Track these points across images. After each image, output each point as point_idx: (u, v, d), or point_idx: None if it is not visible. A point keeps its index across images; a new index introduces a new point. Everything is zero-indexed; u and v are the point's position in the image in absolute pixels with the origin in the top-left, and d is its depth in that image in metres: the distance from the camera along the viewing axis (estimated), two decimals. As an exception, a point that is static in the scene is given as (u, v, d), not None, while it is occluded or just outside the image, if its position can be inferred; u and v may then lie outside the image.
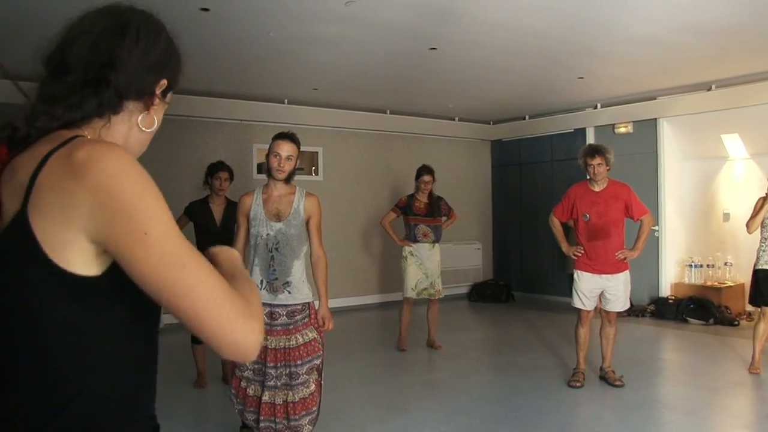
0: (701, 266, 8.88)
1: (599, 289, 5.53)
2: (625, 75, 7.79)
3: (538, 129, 10.72)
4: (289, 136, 3.83)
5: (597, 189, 5.54)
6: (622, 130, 9.42)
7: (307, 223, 3.87)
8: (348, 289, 9.86)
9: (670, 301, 8.66)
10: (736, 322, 7.97)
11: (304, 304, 3.84)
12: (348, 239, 9.93)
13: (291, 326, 3.77)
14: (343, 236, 9.88)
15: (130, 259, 0.99)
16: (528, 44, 6.31)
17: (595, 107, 9.76)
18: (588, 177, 5.62)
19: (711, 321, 8.07)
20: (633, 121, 9.31)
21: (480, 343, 7.94)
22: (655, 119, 9.03)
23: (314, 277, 3.94)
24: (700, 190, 9.28)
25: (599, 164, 5.44)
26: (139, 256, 0.99)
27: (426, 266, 6.91)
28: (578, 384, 5.48)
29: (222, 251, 1.28)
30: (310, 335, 3.82)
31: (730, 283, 8.56)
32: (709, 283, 8.66)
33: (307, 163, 9.86)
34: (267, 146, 3.86)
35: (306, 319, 3.83)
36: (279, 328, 3.75)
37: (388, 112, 10.24)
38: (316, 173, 9.76)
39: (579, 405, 5.11)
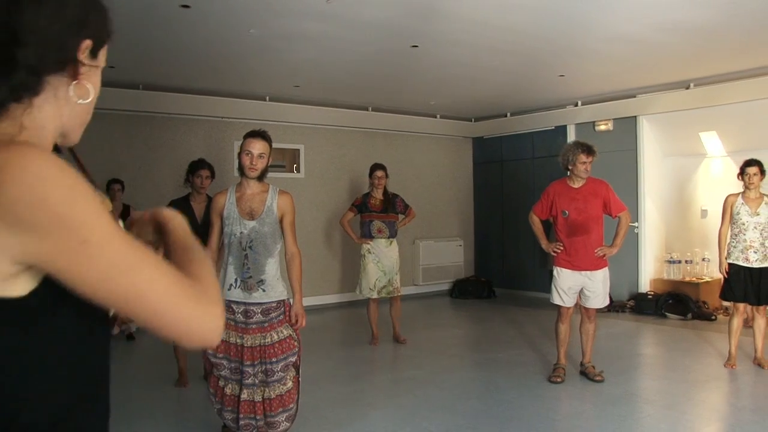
0: (680, 262, 8.98)
1: (579, 286, 5.58)
2: (605, 73, 7.85)
3: (520, 126, 10.78)
4: (260, 134, 3.82)
5: (576, 186, 5.58)
6: (603, 127, 9.50)
7: (281, 221, 3.87)
8: (331, 286, 9.87)
9: (649, 296, 8.76)
10: (713, 317, 8.08)
11: (279, 302, 3.84)
12: (330, 237, 9.93)
13: (266, 324, 3.78)
14: (325, 234, 9.88)
15: (72, 272, 0.88)
16: (509, 42, 6.35)
17: (576, 105, 9.83)
18: (567, 174, 5.65)
19: (689, 316, 8.17)
20: (613, 119, 9.39)
21: (461, 339, 7.98)
22: (635, 117, 9.11)
23: (288, 275, 3.93)
24: (678, 186, 9.39)
25: (589, 162, 5.49)
26: (82, 268, 0.88)
27: (383, 263, 6.99)
28: (558, 379, 5.53)
29: (175, 218, 1.19)
30: (285, 332, 3.82)
31: (707, 279, 8.67)
32: (687, 279, 8.77)
33: (289, 160, 9.84)
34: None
35: (281, 317, 3.83)
36: (254, 326, 3.76)
37: (369, 109, 10.24)
38: (298, 170, 9.74)
39: (560, 400, 5.15)
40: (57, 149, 1.07)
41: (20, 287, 0.89)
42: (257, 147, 3.76)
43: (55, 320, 0.94)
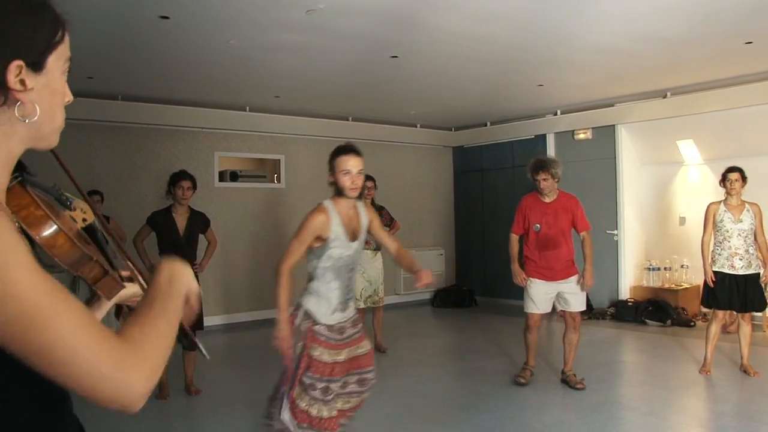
0: (659, 269, 9.06)
1: (553, 293, 5.69)
2: (583, 82, 7.93)
3: (500, 135, 10.84)
4: (353, 150, 3.56)
5: (547, 200, 5.71)
6: (582, 136, 9.58)
7: (368, 230, 3.75)
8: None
9: (629, 303, 8.82)
10: (692, 323, 8.16)
11: (357, 312, 3.81)
12: (311, 246, 9.90)
13: (357, 335, 3.68)
14: (307, 243, 9.84)
15: None
16: (488, 52, 6.39)
17: (555, 114, 9.92)
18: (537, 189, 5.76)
19: (668, 322, 8.24)
20: (592, 128, 9.48)
21: (443, 348, 7.98)
22: (614, 125, 9.21)
23: (405, 259, 3.80)
24: (657, 194, 9.48)
25: (545, 179, 5.62)
26: None
27: (369, 274, 7.01)
28: (522, 380, 5.70)
29: (167, 269, 1.12)
30: (369, 345, 3.76)
31: (686, 285, 8.75)
32: (666, 286, 8.85)
33: (269, 170, 9.82)
34: (229, 154, 3.79)
35: (362, 330, 3.76)
36: (348, 339, 3.63)
37: (350, 119, 10.26)
38: (278, 181, 9.72)
39: (542, 408, 5.17)
40: (23, 167, 1.02)
41: None
42: (355, 163, 3.52)
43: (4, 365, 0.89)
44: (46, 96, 0.98)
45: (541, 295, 5.68)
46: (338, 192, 3.57)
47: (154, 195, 8.28)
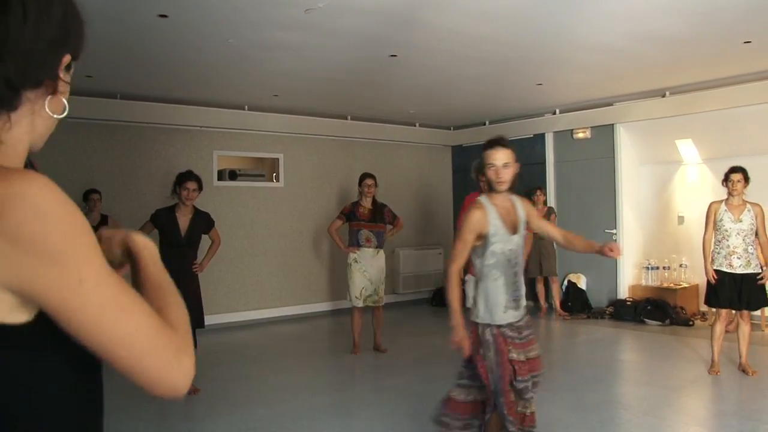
0: (657, 268, 9.07)
1: None
2: (582, 82, 7.93)
3: (498, 134, 10.80)
4: (500, 142, 3.57)
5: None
6: (581, 135, 9.59)
7: (528, 225, 3.69)
8: (315, 295, 9.84)
9: (628, 302, 8.83)
10: (690, 322, 8.16)
11: (527, 312, 3.69)
12: (309, 246, 9.91)
13: (531, 336, 3.60)
14: (305, 243, 9.86)
15: (64, 310, 0.86)
16: (487, 52, 6.39)
17: (554, 113, 9.92)
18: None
19: (667, 321, 8.25)
20: (591, 127, 9.48)
21: (442, 347, 7.93)
22: (613, 125, 9.22)
23: (580, 243, 3.73)
24: (655, 193, 9.49)
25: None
26: (75, 306, 0.86)
27: (370, 273, 7.01)
28: None
29: (147, 247, 1.11)
30: (539, 347, 3.66)
31: (685, 285, 8.76)
32: (665, 285, 8.85)
33: (268, 169, 9.82)
34: (227, 153, 3.78)
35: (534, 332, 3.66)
36: (525, 340, 3.55)
37: (349, 118, 10.25)
38: (277, 180, 9.71)
39: (539, 407, 5.14)
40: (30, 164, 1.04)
41: (26, 314, 0.88)
42: (500, 157, 3.52)
43: (58, 349, 0.92)
44: (64, 97, 1.02)
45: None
46: (490, 187, 3.57)
47: (153, 194, 8.28)
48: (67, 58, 0.99)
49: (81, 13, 1.03)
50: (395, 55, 6.48)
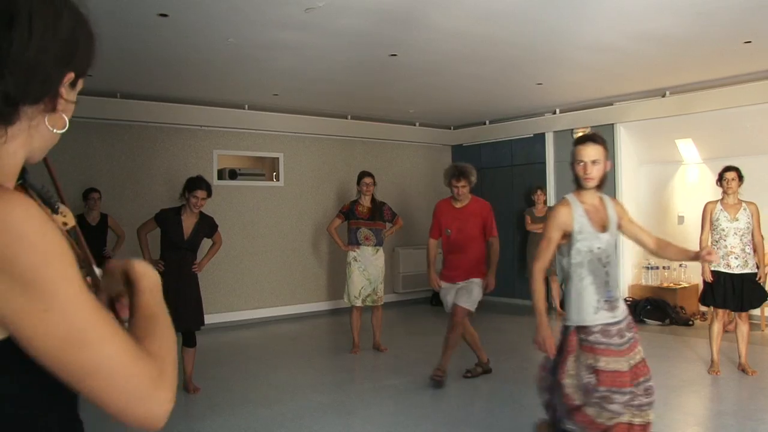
0: (657, 268, 9.07)
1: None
2: (582, 81, 7.93)
3: (498, 134, 10.84)
4: (592, 138, 3.46)
5: (458, 206, 5.87)
6: (581, 134, 9.56)
7: (619, 227, 3.57)
8: (315, 294, 9.85)
9: (628, 302, 8.81)
10: (690, 322, 8.17)
11: (628, 318, 3.49)
12: (309, 245, 9.91)
13: (632, 340, 3.42)
14: (307, 242, 9.86)
15: (28, 336, 0.85)
16: (487, 51, 6.39)
17: (554, 113, 9.92)
18: (451, 195, 5.91)
19: (667, 321, 8.25)
20: (591, 126, 9.46)
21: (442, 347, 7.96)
22: (613, 124, 9.21)
23: (672, 250, 3.60)
24: (655, 193, 9.49)
25: (463, 186, 5.78)
26: (38, 334, 0.84)
27: (369, 272, 7.02)
28: (470, 375, 5.92)
29: (147, 276, 1.09)
30: (642, 351, 3.47)
31: (684, 284, 8.76)
32: (664, 285, 8.86)
33: (268, 168, 9.82)
34: (228, 152, 3.77)
35: (635, 335, 3.48)
36: (626, 345, 3.38)
37: (349, 117, 10.25)
38: (277, 179, 9.71)
39: (539, 408, 5.16)
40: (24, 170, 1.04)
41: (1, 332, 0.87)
42: (590, 153, 3.39)
43: (32, 367, 0.89)
44: (68, 114, 1.02)
45: (450, 296, 5.85)
46: (578, 184, 3.46)
47: (153, 193, 8.29)
48: (70, 76, 0.98)
49: (91, 30, 1.02)
50: (395, 55, 6.48)
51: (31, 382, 0.91)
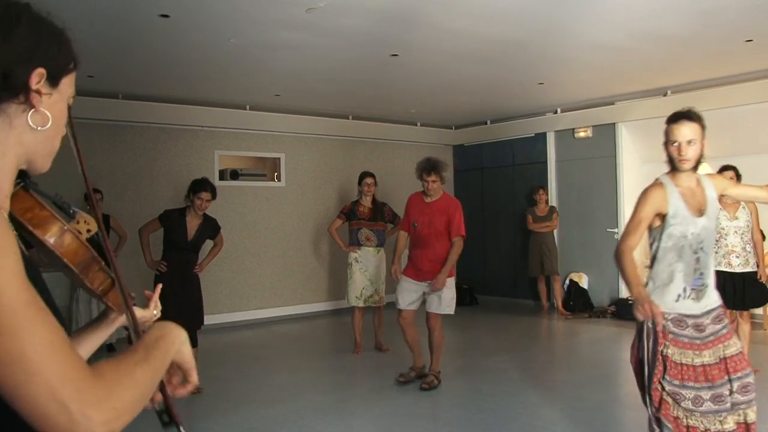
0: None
1: (419, 291, 5.83)
2: (584, 81, 7.92)
3: (500, 134, 10.84)
4: (687, 116, 3.15)
5: (428, 200, 5.80)
6: (582, 134, 9.58)
7: (721, 200, 3.32)
8: (316, 295, 9.84)
9: (630, 302, 8.78)
10: (693, 322, 8.14)
11: (720, 307, 3.27)
12: (311, 245, 9.91)
13: (723, 331, 3.18)
14: (309, 242, 9.86)
15: None
16: (489, 51, 6.39)
17: (555, 112, 9.91)
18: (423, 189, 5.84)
19: (669, 321, 8.22)
20: (592, 126, 9.48)
21: (444, 347, 7.96)
22: (614, 124, 9.21)
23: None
24: (657, 192, 9.46)
25: (433, 181, 5.70)
26: None
27: (370, 272, 7.03)
28: (402, 379, 5.80)
29: (168, 328, 1.10)
30: (739, 344, 3.21)
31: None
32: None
33: (270, 169, 9.82)
34: (229, 152, 3.76)
35: (729, 325, 3.24)
36: (711, 337, 3.14)
37: (350, 117, 10.25)
38: (279, 179, 9.71)
39: (542, 407, 5.17)
40: (25, 174, 1.05)
41: None
42: (686, 132, 3.10)
43: None
44: (55, 113, 1.03)
45: (405, 292, 5.81)
46: (673, 166, 3.20)
47: (155, 193, 8.29)
48: (39, 71, 0.99)
49: (56, 27, 1.05)
50: (396, 55, 6.48)
51: None
